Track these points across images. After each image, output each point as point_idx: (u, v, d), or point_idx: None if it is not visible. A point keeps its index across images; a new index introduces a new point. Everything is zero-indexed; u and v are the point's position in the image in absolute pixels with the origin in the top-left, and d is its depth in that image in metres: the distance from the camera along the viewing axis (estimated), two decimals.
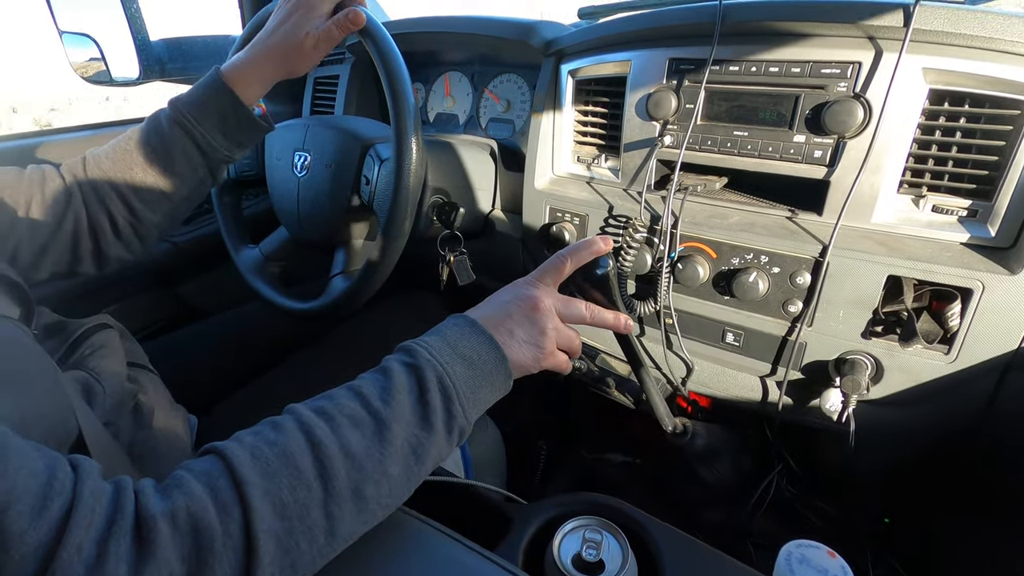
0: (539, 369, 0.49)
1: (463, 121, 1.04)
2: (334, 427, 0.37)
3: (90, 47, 1.10)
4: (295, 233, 0.79)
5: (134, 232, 0.65)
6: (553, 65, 0.80)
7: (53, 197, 0.60)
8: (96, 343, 0.57)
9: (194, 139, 0.63)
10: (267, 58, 0.65)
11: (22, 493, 0.27)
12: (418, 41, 0.97)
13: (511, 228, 0.88)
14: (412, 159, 0.63)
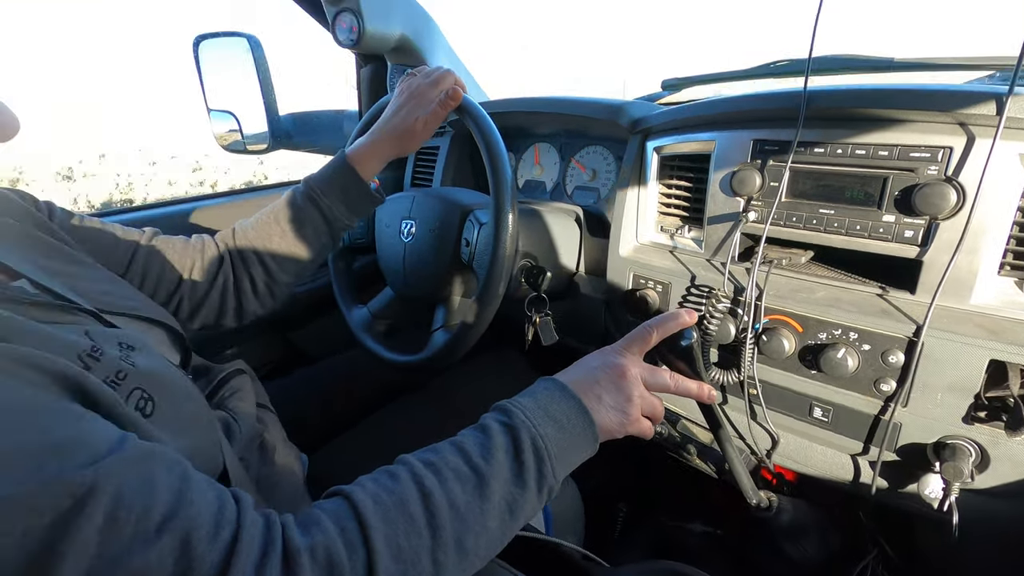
0: (624, 435, 0.52)
1: (550, 188, 1.11)
2: (441, 480, 0.41)
3: (230, 121, 1.30)
4: (400, 292, 0.88)
5: (268, 291, 0.76)
6: (639, 142, 0.85)
7: (210, 262, 0.72)
8: (234, 386, 0.66)
9: (321, 211, 0.74)
10: (384, 141, 0.76)
11: (202, 520, 0.33)
12: (513, 117, 1.07)
13: (594, 290, 0.93)
14: (509, 229, 0.70)
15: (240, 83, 1.24)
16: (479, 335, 0.74)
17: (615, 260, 0.87)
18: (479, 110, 0.75)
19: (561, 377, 0.53)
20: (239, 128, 1.29)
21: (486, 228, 0.77)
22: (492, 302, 0.72)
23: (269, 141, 1.28)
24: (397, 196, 0.91)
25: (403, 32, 1.07)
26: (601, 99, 0.95)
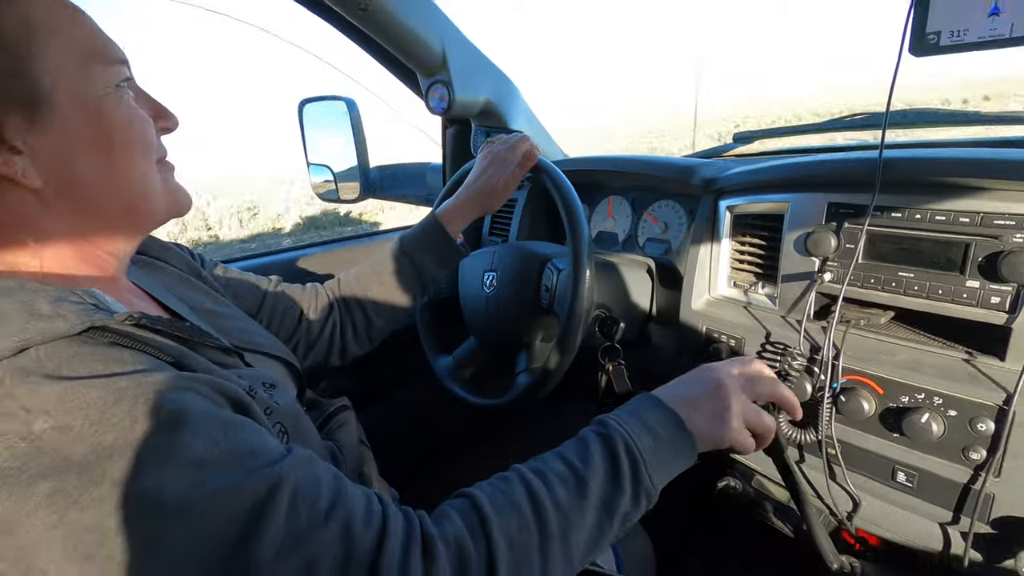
0: (727, 444, 0.54)
1: (622, 239, 1.15)
2: (546, 482, 0.47)
3: (326, 174, 1.45)
4: (483, 340, 0.95)
5: (367, 334, 0.86)
6: (712, 201, 0.89)
7: (321, 308, 0.82)
8: (341, 420, 0.74)
9: (414, 264, 0.83)
10: (470, 202, 0.85)
11: (357, 509, 0.40)
12: (587, 173, 1.13)
13: (667, 341, 0.95)
14: (586, 281, 0.75)
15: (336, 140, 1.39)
16: (560, 378, 0.79)
17: (688, 313, 0.89)
18: (554, 169, 0.82)
19: (656, 391, 0.57)
20: (334, 180, 1.44)
21: (564, 273, 0.83)
22: (572, 346, 0.77)
23: (360, 192, 1.42)
24: (479, 252, 0.99)
25: (488, 98, 1.18)
26: (673, 159, 1.00)
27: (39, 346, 0.35)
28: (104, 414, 0.34)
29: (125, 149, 0.47)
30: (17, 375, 0.34)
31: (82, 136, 0.44)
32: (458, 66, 1.11)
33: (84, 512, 0.33)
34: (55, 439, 0.33)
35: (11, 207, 0.42)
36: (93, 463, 0.33)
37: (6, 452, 0.32)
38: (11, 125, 0.40)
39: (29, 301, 0.37)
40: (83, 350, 0.36)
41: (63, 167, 0.43)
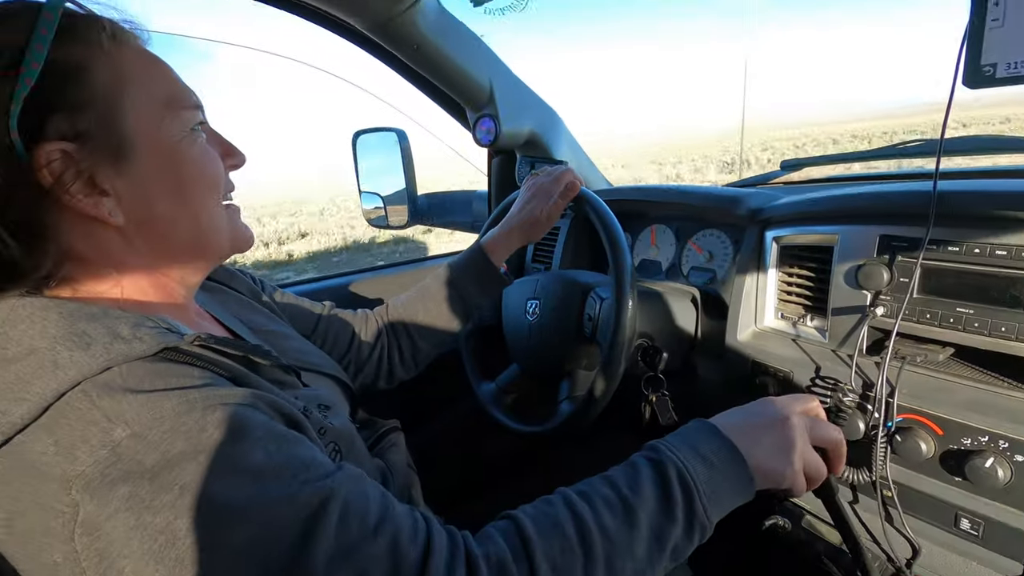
0: (786, 484, 0.52)
1: (665, 267, 1.15)
2: (592, 506, 0.46)
3: (377, 201, 1.51)
4: (525, 367, 0.96)
5: (413, 359, 0.89)
6: (758, 231, 0.88)
7: (371, 332, 0.86)
8: (391, 441, 0.76)
9: (459, 292, 0.86)
10: (513, 231, 0.88)
11: (404, 525, 0.41)
12: (630, 202, 1.14)
13: (712, 372, 0.94)
14: (628, 312, 0.76)
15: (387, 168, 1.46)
16: (603, 405, 0.79)
17: (734, 344, 0.88)
18: (596, 199, 0.84)
19: (714, 419, 0.54)
20: (383, 207, 1.50)
21: (607, 302, 0.84)
22: (615, 375, 0.77)
23: (408, 218, 1.47)
24: (522, 280, 1.01)
25: (532, 129, 1.21)
26: (718, 189, 0.99)
27: (121, 365, 0.39)
28: (175, 423, 0.37)
29: (197, 190, 0.51)
30: (102, 389, 0.37)
31: (160, 178, 0.48)
32: (504, 100, 1.15)
33: (156, 515, 0.35)
34: (132, 446, 0.36)
35: (98, 243, 0.47)
36: (164, 469, 0.36)
37: (89, 459, 0.36)
38: (101, 171, 0.45)
39: (112, 326, 0.41)
40: (158, 368, 0.40)
41: (143, 207, 0.48)
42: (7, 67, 0.40)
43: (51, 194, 0.43)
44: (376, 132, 1.41)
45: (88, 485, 0.35)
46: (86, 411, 0.37)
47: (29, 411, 0.36)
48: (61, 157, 0.43)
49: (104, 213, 0.45)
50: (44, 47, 0.42)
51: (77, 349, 0.39)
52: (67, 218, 0.45)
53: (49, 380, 0.37)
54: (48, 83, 0.42)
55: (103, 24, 0.47)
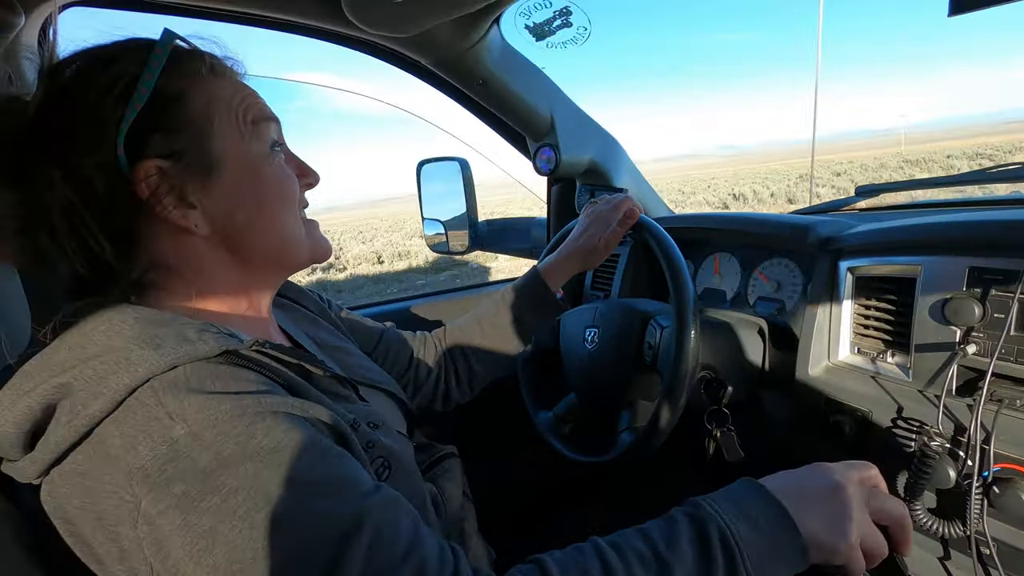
0: (839, 559, 0.46)
1: (730, 296, 1.11)
2: (623, 558, 0.43)
3: (439, 227, 1.56)
4: (584, 396, 0.95)
5: (469, 383, 0.90)
6: (830, 261, 0.84)
7: (429, 353, 0.88)
8: (446, 467, 0.77)
9: (515, 316, 0.87)
10: (571, 258, 0.88)
11: (431, 557, 0.41)
12: (693, 230, 1.12)
13: (781, 408, 0.89)
14: (691, 342, 0.74)
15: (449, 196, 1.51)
16: (664, 437, 0.77)
17: (804, 379, 0.84)
18: (656, 227, 0.83)
19: (763, 480, 0.49)
20: (445, 233, 1.54)
21: (668, 330, 0.82)
22: (676, 406, 0.75)
23: (468, 244, 1.51)
24: (581, 307, 1.00)
25: (592, 158, 1.22)
26: (785, 216, 0.96)
27: (186, 365, 0.42)
28: (226, 427, 0.39)
29: (275, 204, 0.55)
30: (168, 387, 0.40)
31: (241, 193, 0.52)
32: (565, 130, 1.17)
33: (202, 517, 0.37)
34: (189, 445, 0.38)
35: (184, 252, 0.51)
36: (215, 471, 0.38)
37: (150, 453, 0.38)
38: (190, 186, 0.49)
39: (181, 330, 0.44)
40: (219, 370, 0.43)
41: (225, 219, 0.52)
42: (121, 94, 0.46)
43: (146, 206, 0.48)
44: (439, 162, 1.47)
45: (146, 479, 0.38)
46: (152, 407, 0.40)
47: (104, 405, 0.40)
48: (157, 173, 0.48)
49: (191, 224, 0.50)
50: (153, 78, 0.47)
51: (148, 348, 0.42)
52: (158, 228, 0.49)
53: (123, 376, 0.40)
54: (152, 108, 0.47)
55: (203, 57, 0.52)
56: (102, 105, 0.46)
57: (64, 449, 0.40)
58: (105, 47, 0.50)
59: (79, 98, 0.46)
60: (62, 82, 0.47)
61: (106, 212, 0.47)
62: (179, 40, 0.52)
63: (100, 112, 0.46)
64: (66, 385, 0.41)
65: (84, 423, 0.40)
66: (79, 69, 0.48)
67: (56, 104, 0.46)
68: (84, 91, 0.46)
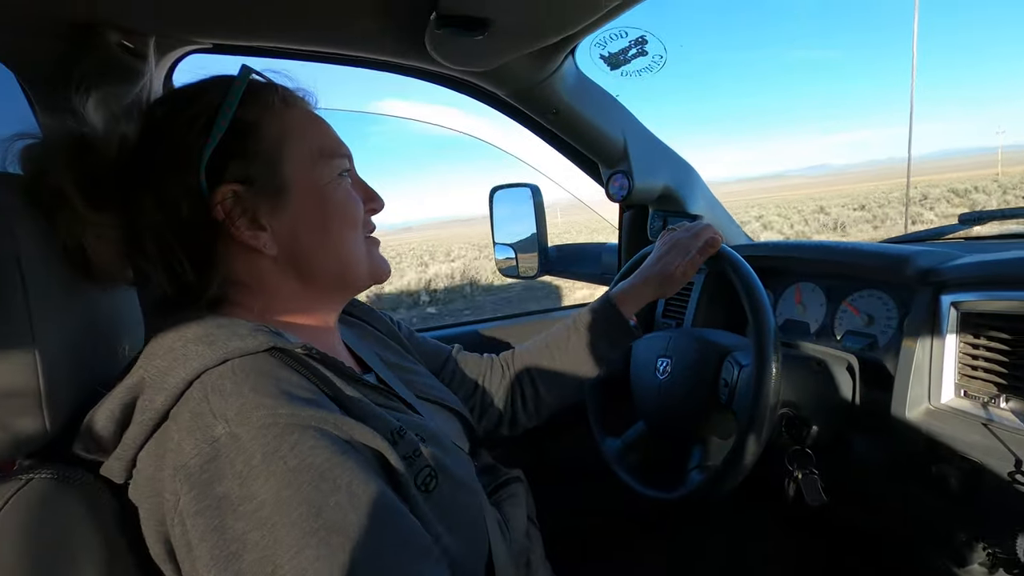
0: None
1: (814, 329, 1.05)
2: None
3: (509, 252, 1.58)
4: (653, 427, 0.92)
5: (535, 407, 0.89)
6: (931, 295, 0.77)
7: (496, 376, 0.88)
8: (511, 492, 0.76)
9: (586, 342, 0.85)
10: (646, 284, 0.86)
11: None
12: (773, 258, 1.07)
13: (873, 452, 0.83)
14: (772, 377, 0.70)
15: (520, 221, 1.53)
16: (741, 477, 0.73)
17: (901, 422, 0.77)
18: (736, 256, 0.80)
19: None
20: (515, 257, 1.57)
21: (747, 370, 0.78)
22: (753, 449, 0.71)
23: (538, 269, 1.52)
24: (654, 335, 0.98)
25: (666, 184, 1.20)
26: (878, 246, 0.90)
27: (235, 359, 0.44)
28: (260, 432, 0.40)
29: (340, 227, 0.58)
30: (215, 384, 0.43)
31: (309, 217, 0.56)
32: (638, 156, 1.16)
33: (237, 522, 0.38)
34: (228, 446, 0.40)
35: (255, 270, 0.55)
36: (247, 478, 0.39)
37: (194, 451, 0.40)
38: (262, 210, 0.53)
39: (235, 329, 0.47)
40: (264, 366, 0.45)
41: (293, 240, 0.55)
42: (204, 126, 0.51)
43: (222, 227, 0.52)
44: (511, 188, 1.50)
45: (189, 477, 0.40)
46: (199, 402, 0.42)
47: (167, 399, 0.43)
48: (232, 196, 0.52)
49: (261, 245, 0.53)
50: (231, 109, 0.52)
51: (203, 344, 0.45)
52: (232, 249, 0.53)
53: (180, 371, 0.44)
54: (230, 136, 0.52)
55: (276, 89, 0.57)
56: (188, 135, 0.51)
57: (139, 444, 0.44)
58: (192, 85, 0.56)
59: (168, 130, 0.51)
60: (155, 117, 0.53)
61: (188, 234, 0.51)
62: (255, 74, 0.56)
63: (186, 141, 0.51)
64: (138, 383, 0.45)
65: (152, 417, 0.43)
66: (169, 105, 0.54)
67: (150, 137, 0.52)
68: (172, 123, 0.51)
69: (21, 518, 0.41)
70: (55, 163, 0.49)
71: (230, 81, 0.54)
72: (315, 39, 0.91)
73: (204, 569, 0.38)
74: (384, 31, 0.87)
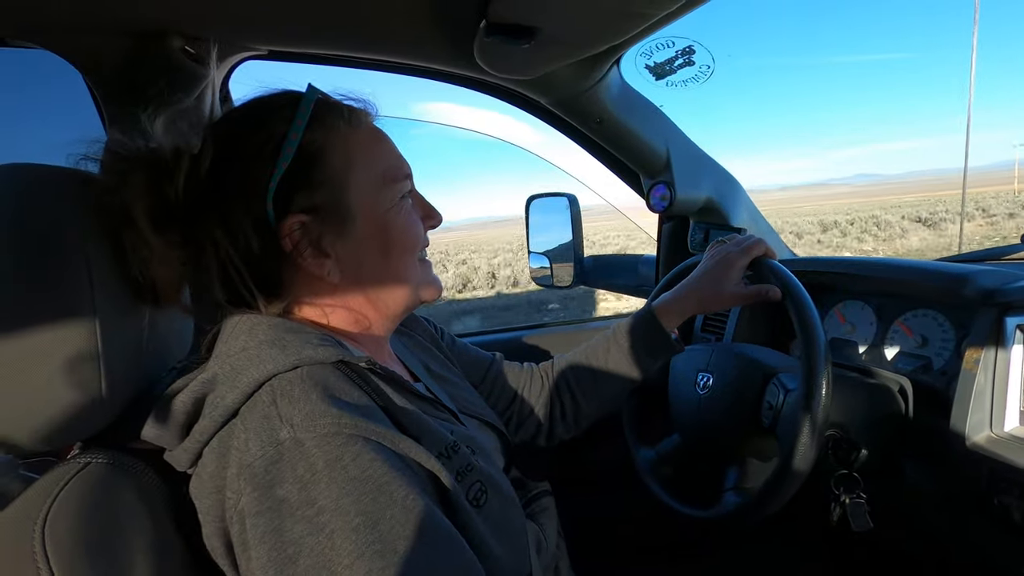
0: None
1: (863, 350, 1.01)
2: None
3: (544, 261, 1.57)
4: (689, 442, 0.90)
5: (574, 418, 0.87)
6: (994, 317, 0.74)
7: (535, 386, 0.87)
8: (543, 505, 0.75)
9: (625, 354, 0.84)
10: (690, 299, 0.84)
11: None
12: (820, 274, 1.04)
13: (926, 478, 0.78)
14: (822, 400, 0.67)
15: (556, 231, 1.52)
16: (780, 504, 0.71)
17: (960, 450, 0.73)
18: (784, 271, 0.77)
19: None
20: (550, 267, 1.56)
21: (793, 395, 0.75)
22: (796, 477, 0.68)
23: (573, 278, 1.51)
24: (694, 348, 0.96)
25: (709, 196, 1.18)
26: (935, 264, 0.86)
27: (305, 367, 0.45)
28: (323, 440, 0.41)
29: (400, 253, 0.58)
30: (285, 388, 0.43)
31: (371, 243, 0.56)
32: (680, 167, 1.15)
33: (296, 525, 0.39)
34: (292, 450, 0.40)
35: (315, 294, 0.55)
36: (308, 482, 0.40)
37: (259, 451, 0.41)
38: (326, 238, 0.53)
39: (306, 337, 0.48)
40: (330, 378, 0.46)
41: (355, 265, 0.55)
42: (271, 154, 0.50)
43: (289, 257, 0.52)
44: (548, 198, 1.50)
45: (253, 477, 0.40)
46: (267, 405, 0.43)
47: (238, 397, 0.44)
48: (300, 227, 0.52)
49: (325, 272, 0.54)
50: (298, 136, 0.51)
51: (276, 348, 0.46)
52: (297, 276, 0.54)
53: (253, 371, 0.44)
54: (296, 165, 0.51)
55: (342, 110, 0.56)
56: (255, 163, 0.50)
57: (207, 438, 0.45)
58: (260, 101, 0.55)
59: (237, 157, 0.51)
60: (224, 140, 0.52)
61: (257, 264, 0.51)
62: (320, 94, 0.55)
63: (254, 171, 0.50)
64: (211, 380, 0.46)
65: (221, 413, 0.44)
66: (238, 126, 0.53)
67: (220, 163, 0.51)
68: (241, 149, 0.51)
69: (78, 500, 0.42)
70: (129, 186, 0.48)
71: (297, 100, 0.53)
72: (366, 46, 0.94)
73: (260, 570, 0.39)
74: (434, 39, 0.88)
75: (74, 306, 0.44)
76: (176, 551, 0.46)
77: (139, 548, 0.43)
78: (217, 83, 0.92)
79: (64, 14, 0.74)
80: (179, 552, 0.46)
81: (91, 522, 0.42)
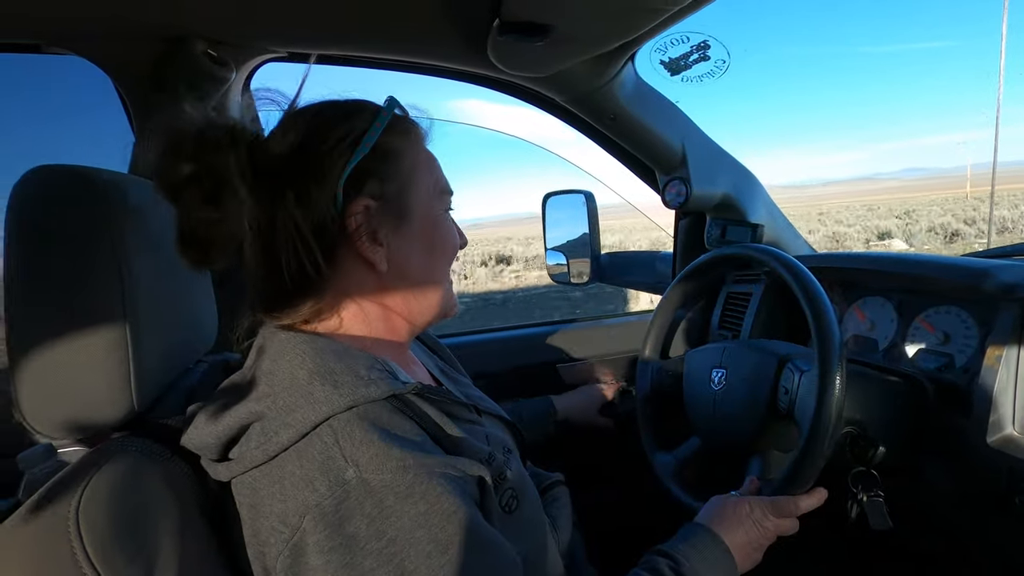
0: None
1: (883, 347, 0.99)
2: None
3: (560, 258, 1.58)
4: (708, 441, 0.90)
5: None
6: (1016, 313, 0.72)
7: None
8: (555, 495, 0.77)
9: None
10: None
11: None
12: (839, 270, 1.03)
13: (944, 477, 0.77)
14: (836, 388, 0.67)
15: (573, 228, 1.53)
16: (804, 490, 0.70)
17: (980, 448, 0.72)
18: (796, 264, 0.77)
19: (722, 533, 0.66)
20: (567, 263, 1.56)
21: (809, 375, 0.75)
22: (816, 461, 0.68)
23: (590, 276, 1.51)
24: (707, 347, 0.96)
25: (725, 192, 1.17)
26: (957, 259, 0.85)
27: (362, 405, 0.47)
28: (391, 477, 0.44)
29: (441, 255, 0.63)
30: (345, 429, 0.46)
31: (420, 240, 0.60)
32: (696, 163, 1.14)
33: (366, 559, 0.41)
34: (358, 489, 0.43)
35: (362, 283, 0.58)
36: (376, 518, 0.42)
37: (327, 491, 0.43)
38: (384, 228, 0.57)
39: (353, 366, 0.50)
40: (386, 416, 0.48)
41: (403, 259, 0.59)
42: (351, 145, 0.55)
43: (349, 236, 0.55)
44: (565, 195, 1.50)
45: (323, 517, 0.43)
46: (329, 446, 0.45)
47: (292, 436, 0.46)
48: (364, 210, 0.55)
49: (377, 259, 0.57)
50: (376, 135, 0.56)
51: (328, 385, 0.48)
52: (351, 256, 0.57)
53: (308, 412, 0.46)
54: (372, 157, 0.56)
55: (414, 123, 0.62)
56: (335, 150, 0.54)
57: (254, 466, 0.48)
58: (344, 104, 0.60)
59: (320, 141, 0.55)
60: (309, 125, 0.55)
61: (319, 234, 0.54)
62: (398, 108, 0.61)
63: (333, 155, 0.54)
64: (260, 412, 0.48)
65: (274, 450, 0.47)
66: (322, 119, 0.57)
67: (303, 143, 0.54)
68: (325, 136, 0.55)
69: (110, 485, 0.44)
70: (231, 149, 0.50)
71: (377, 109, 0.59)
72: (383, 47, 0.95)
73: None
74: (448, 39, 0.89)
75: (105, 302, 0.47)
76: (202, 535, 0.49)
77: (167, 531, 0.45)
78: (239, 85, 0.94)
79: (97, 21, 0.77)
80: (204, 536, 0.49)
81: (122, 506, 0.44)
